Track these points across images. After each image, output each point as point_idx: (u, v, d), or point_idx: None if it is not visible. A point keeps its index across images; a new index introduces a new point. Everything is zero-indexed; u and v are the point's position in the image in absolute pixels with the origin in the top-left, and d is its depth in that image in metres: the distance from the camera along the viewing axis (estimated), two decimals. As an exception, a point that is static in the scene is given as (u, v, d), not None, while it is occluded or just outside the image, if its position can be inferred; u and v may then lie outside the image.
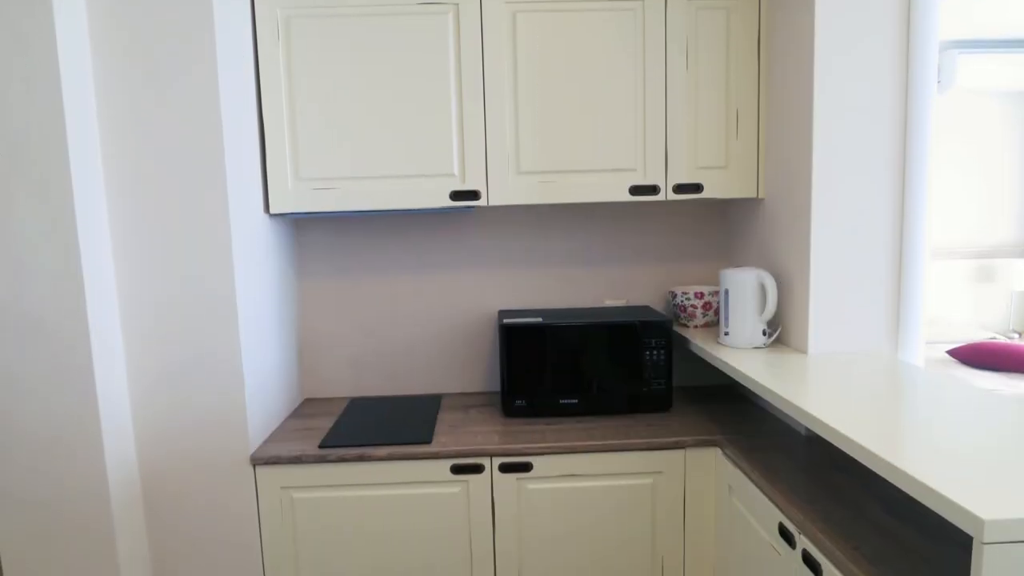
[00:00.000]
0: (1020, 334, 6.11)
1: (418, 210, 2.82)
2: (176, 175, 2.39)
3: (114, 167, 2.37)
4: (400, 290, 3.24)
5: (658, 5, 2.77)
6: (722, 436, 2.58)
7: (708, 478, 2.60)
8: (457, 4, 2.73)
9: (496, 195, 2.80)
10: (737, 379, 2.43)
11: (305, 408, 3.10)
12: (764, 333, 2.69)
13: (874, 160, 2.52)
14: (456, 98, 2.77)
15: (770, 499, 2.10)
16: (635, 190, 2.82)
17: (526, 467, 2.56)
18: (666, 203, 3.26)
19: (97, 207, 2.32)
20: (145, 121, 2.36)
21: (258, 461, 2.52)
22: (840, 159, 2.51)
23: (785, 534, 1.98)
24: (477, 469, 2.55)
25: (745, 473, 2.31)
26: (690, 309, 3.09)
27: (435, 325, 3.27)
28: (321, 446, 2.57)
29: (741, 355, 2.58)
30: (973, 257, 6.27)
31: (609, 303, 3.28)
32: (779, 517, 2.03)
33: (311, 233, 3.20)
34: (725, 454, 2.49)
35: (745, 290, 2.68)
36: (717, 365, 2.61)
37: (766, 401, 2.90)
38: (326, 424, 2.85)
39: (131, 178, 2.38)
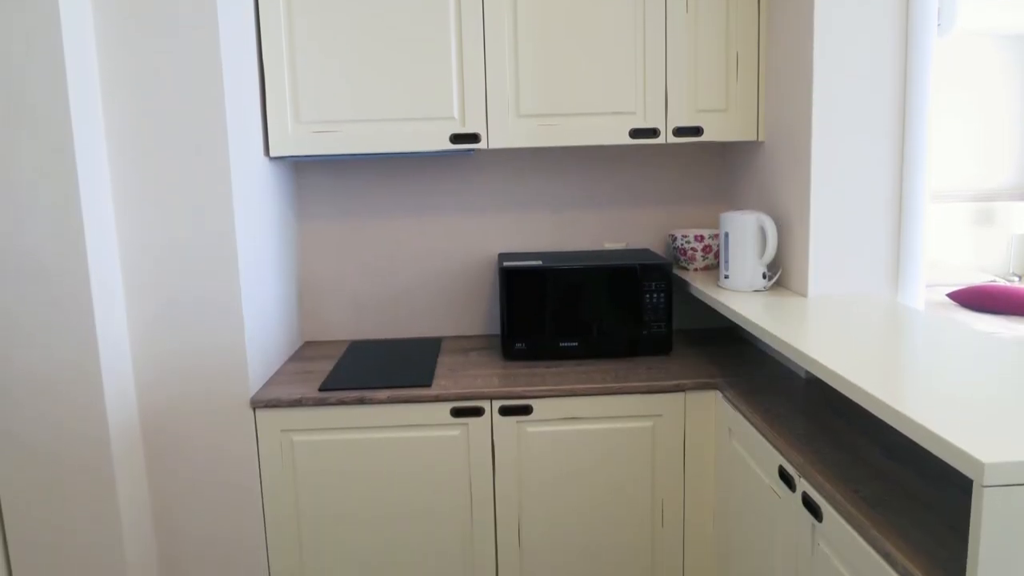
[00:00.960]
0: (1020, 277, 6.12)
1: (418, 153, 2.80)
2: (176, 118, 2.36)
3: (114, 110, 2.35)
4: (400, 233, 3.23)
5: (660, -58, 2.74)
6: (722, 379, 2.59)
7: (708, 421, 2.61)
8: (455, -59, 2.70)
9: (496, 138, 2.78)
10: (737, 322, 2.43)
11: (305, 351, 3.10)
12: (764, 276, 2.68)
13: (874, 103, 2.50)
14: (456, 40, 2.73)
15: (770, 442, 2.11)
16: (635, 133, 2.80)
17: (526, 410, 2.57)
18: (666, 146, 3.24)
19: (97, 150, 2.30)
20: (145, 64, 2.33)
21: (258, 404, 2.52)
22: (840, 102, 2.49)
23: (785, 477, 1.99)
24: (477, 412, 2.56)
25: (745, 416, 2.31)
26: (690, 252, 3.09)
27: (435, 268, 3.26)
28: (321, 389, 2.57)
29: (741, 298, 2.58)
30: (973, 200, 6.26)
31: (609, 246, 3.27)
32: (779, 460, 2.03)
33: (311, 176, 3.18)
34: (725, 397, 2.50)
35: (745, 233, 2.67)
36: (717, 308, 2.61)
37: (766, 344, 2.90)
38: (326, 367, 2.85)
39: (131, 121, 2.36)
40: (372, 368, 2.79)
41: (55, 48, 2.13)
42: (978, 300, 4.96)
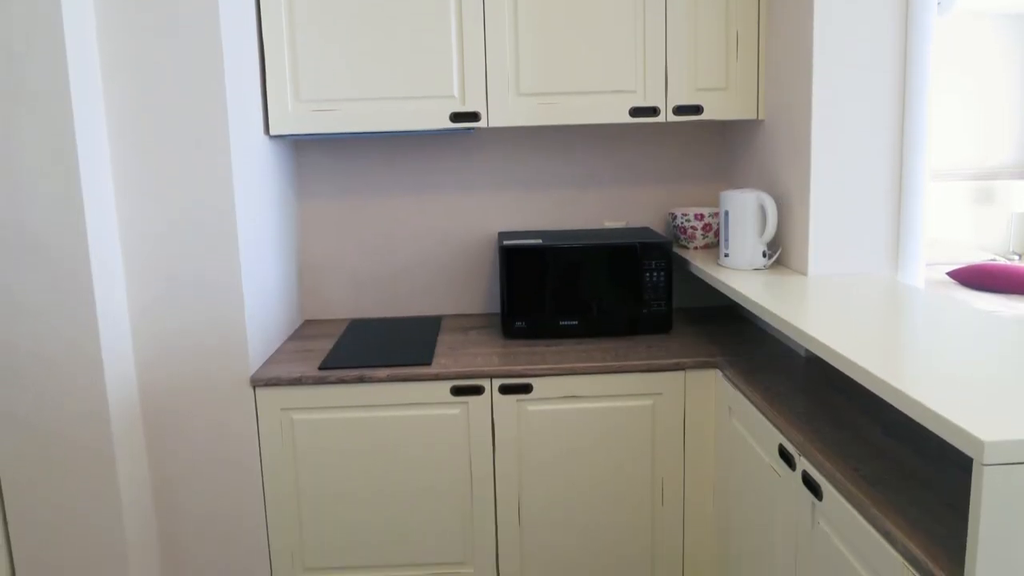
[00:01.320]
0: (1020, 256, 6.12)
1: (418, 132, 2.80)
2: (176, 97, 2.35)
3: (114, 91, 2.34)
4: (401, 212, 3.22)
5: (661, -81, 2.72)
6: (722, 358, 2.59)
7: (708, 400, 2.61)
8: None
9: (496, 117, 2.77)
10: (737, 300, 2.43)
11: (305, 330, 3.10)
12: (764, 255, 2.68)
13: (874, 81, 2.49)
14: (456, 18, 2.72)
15: (770, 421, 2.11)
16: (635, 112, 2.79)
17: (526, 389, 2.57)
18: (666, 124, 3.23)
19: (97, 130, 2.29)
20: (145, 44, 2.32)
21: (258, 383, 2.53)
22: (840, 80, 2.48)
23: (785, 456, 1.99)
24: (477, 391, 2.56)
25: (745, 395, 2.31)
26: (690, 231, 3.08)
27: (435, 247, 3.26)
28: (321, 367, 2.57)
29: (741, 276, 2.58)
30: (973, 179, 6.25)
31: (609, 225, 3.26)
32: (779, 439, 2.04)
33: (311, 155, 3.18)
34: (725, 376, 2.50)
35: (745, 211, 2.66)
36: (717, 287, 2.61)
37: (766, 323, 2.90)
38: (326, 345, 2.85)
39: (131, 102, 2.35)
40: (372, 346, 2.79)
41: (55, 29, 2.11)
42: (978, 279, 4.97)
